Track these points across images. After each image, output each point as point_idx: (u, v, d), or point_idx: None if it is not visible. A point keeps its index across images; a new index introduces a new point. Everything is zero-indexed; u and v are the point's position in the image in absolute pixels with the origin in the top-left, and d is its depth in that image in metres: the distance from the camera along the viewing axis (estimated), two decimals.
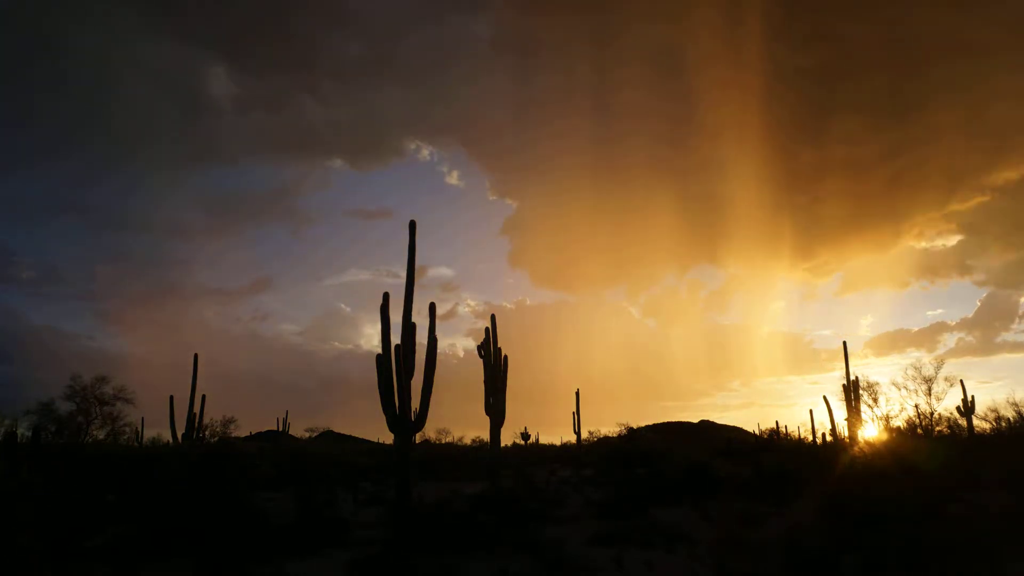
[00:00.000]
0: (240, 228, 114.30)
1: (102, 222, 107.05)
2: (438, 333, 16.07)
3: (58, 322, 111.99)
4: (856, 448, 25.28)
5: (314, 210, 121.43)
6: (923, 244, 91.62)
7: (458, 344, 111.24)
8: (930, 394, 26.94)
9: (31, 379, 59.82)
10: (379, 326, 15.24)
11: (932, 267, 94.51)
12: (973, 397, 31.41)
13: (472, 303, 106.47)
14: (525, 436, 50.98)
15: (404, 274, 15.72)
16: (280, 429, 44.97)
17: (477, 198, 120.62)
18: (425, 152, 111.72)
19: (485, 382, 21.84)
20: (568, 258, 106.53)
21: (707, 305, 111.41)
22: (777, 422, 48.01)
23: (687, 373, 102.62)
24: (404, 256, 15.89)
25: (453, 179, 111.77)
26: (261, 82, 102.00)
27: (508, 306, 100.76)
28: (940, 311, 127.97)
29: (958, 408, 31.31)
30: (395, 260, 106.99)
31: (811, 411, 38.04)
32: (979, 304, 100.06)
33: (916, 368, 27.80)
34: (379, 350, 15.05)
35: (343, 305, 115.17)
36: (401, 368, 14.99)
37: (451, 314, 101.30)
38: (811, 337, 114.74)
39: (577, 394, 37.79)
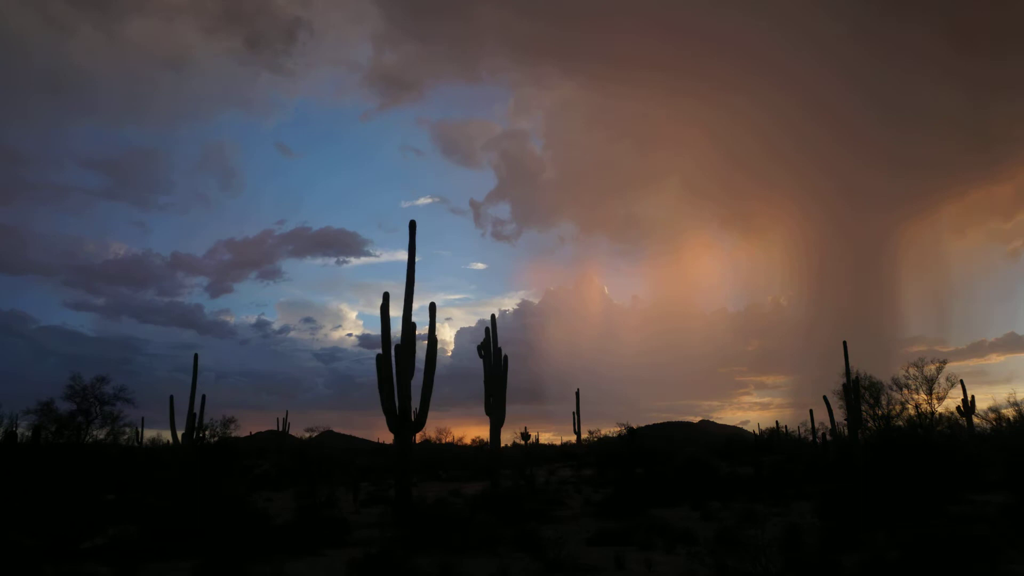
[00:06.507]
0: None
1: None
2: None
3: None
4: (856, 448, 25.24)
5: None
6: None
7: None
8: (931, 394, 26.84)
9: None
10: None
11: None
12: (973, 397, 31.52)
13: None
14: (525, 436, 50.92)
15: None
16: (280, 429, 44.96)
17: None
18: None
19: (485, 382, 21.75)
20: None
21: None
22: (777, 422, 48.02)
23: None
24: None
25: None
26: None
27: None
28: None
29: (958, 408, 31.31)
30: None
31: (811, 411, 38.03)
32: None
33: (918, 367, 27.68)
34: None
35: None
36: (401, 368, 14.98)
37: None
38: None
39: (577, 394, 37.73)
